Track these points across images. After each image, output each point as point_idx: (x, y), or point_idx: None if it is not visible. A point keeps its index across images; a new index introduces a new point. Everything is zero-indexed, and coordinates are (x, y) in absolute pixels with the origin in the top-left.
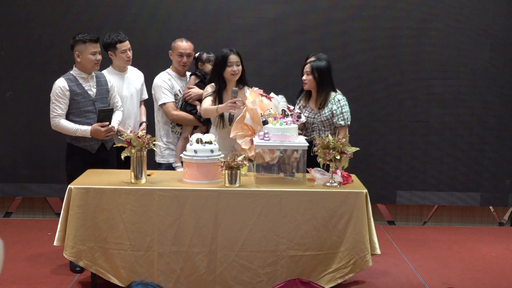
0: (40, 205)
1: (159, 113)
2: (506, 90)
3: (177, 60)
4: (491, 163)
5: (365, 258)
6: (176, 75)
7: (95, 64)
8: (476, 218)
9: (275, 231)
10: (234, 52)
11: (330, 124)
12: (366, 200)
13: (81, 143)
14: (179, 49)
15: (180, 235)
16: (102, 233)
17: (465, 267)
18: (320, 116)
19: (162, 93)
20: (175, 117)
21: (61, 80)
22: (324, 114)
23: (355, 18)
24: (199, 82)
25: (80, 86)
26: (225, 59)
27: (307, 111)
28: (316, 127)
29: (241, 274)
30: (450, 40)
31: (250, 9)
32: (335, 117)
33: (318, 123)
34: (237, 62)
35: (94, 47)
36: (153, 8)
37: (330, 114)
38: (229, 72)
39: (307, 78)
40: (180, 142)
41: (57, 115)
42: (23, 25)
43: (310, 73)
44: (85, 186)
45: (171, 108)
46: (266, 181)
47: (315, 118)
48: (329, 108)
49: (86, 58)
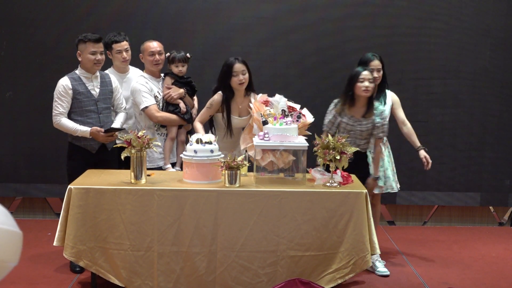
0: (40, 205)
1: (141, 118)
2: (506, 90)
3: (149, 60)
4: (491, 163)
5: (365, 258)
6: (151, 77)
7: (94, 64)
8: (476, 218)
9: (275, 231)
10: (240, 60)
11: (368, 134)
12: (366, 200)
13: (82, 142)
14: (149, 49)
15: (180, 235)
16: (102, 233)
17: (465, 267)
18: (361, 125)
19: (142, 97)
20: (160, 119)
21: (65, 78)
22: (365, 124)
23: (354, 17)
24: (175, 82)
25: (83, 86)
26: (230, 68)
27: (346, 118)
28: (353, 134)
29: (241, 274)
30: (450, 39)
31: (249, 9)
32: (376, 129)
33: (356, 132)
34: (243, 71)
35: (94, 47)
36: (151, 8)
37: (372, 125)
38: (236, 82)
39: (371, 86)
40: (167, 143)
41: (59, 113)
42: (23, 25)
43: (373, 81)
44: (85, 186)
45: (155, 111)
46: (266, 181)
47: (354, 125)
48: (372, 119)
49: (85, 57)
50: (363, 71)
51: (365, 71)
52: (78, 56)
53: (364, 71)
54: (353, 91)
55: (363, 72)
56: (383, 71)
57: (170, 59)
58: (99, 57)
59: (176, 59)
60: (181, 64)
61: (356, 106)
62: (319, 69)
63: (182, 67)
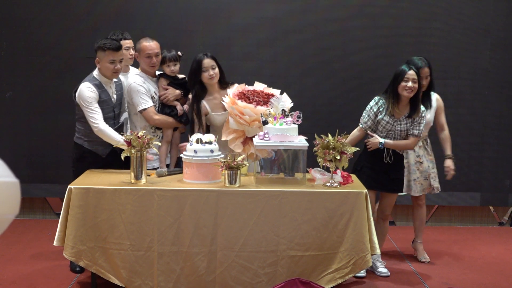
0: (40, 205)
1: (136, 118)
2: (506, 90)
3: (146, 62)
4: (491, 163)
5: (365, 258)
6: (148, 76)
7: (113, 73)
8: (476, 218)
9: (275, 231)
10: (208, 56)
11: (406, 135)
12: (366, 200)
13: (94, 146)
14: (146, 50)
15: (180, 235)
16: (102, 233)
17: (465, 267)
18: (400, 125)
19: (140, 98)
20: (157, 122)
21: (88, 84)
22: (405, 123)
23: (355, 18)
24: (170, 83)
25: (106, 93)
26: (199, 64)
27: (387, 116)
28: (391, 134)
29: (241, 274)
30: (450, 39)
31: (250, 9)
32: (413, 127)
33: (396, 131)
34: (212, 66)
35: (114, 56)
36: (152, 8)
37: (410, 124)
38: (206, 77)
39: (414, 86)
40: (163, 146)
41: (98, 119)
42: (23, 26)
43: (417, 81)
44: (85, 186)
45: (153, 113)
46: (266, 181)
47: (394, 125)
48: (411, 118)
49: (104, 66)
50: (409, 70)
51: (411, 71)
52: (96, 63)
53: (410, 71)
54: (396, 90)
55: (408, 71)
56: (431, 76)
57: (161, 60)
58: (118, 66)
59: (167, 58)
60: (173, 63)
61: (398, 105)
62: (320, 70)
63: (174, 66)
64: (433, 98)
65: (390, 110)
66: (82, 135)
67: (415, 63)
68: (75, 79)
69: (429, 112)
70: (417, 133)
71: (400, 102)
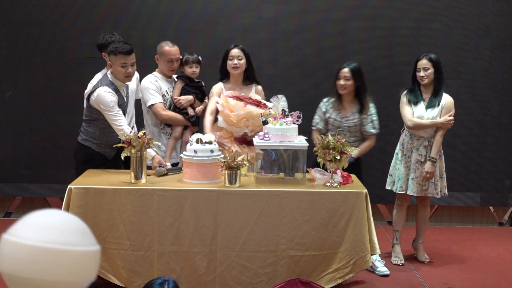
0: (40, 205)
1: (148, 116)
2: (505, 90)
3: (167, 66)
4: (491, 163)
5: (365, 258)
6: (163, 77)
7: (125, 77)
8: (476, 219)
9: (275, 231)
10: (238, 47)
11: (356, 131)
12: (366, 200)
13: (102, 149)
14: (168, 55)
15: (180, 235)
16: (102, 233)
17: (465, 267)
18: (348, 121)
19: (150, 95)
20: (165, 117)
21: (107, 89)
22: (353, 120)
23: (354, 18)
24: (185, 85)
25: (121, 97)
26: (226, 53)
27: (335, 114)
28: (341, 131)
29: (241, 274)
30: (449, 40)
31: (249, 9)
32: (366, 125)
33: (344, 128)
34: (238, 56)
35: (125, 59)
36: (152, 8)
37: (359, 120)
38: (230, 65)
39: (347, 84)
40: (170, 141)
41: (123, 124)
42: (23, 25)
43: (350, 77)
44: (85, 186)
45: (160, 109)
46: (266, 181)
47: (342, 122)
48: (360, 115)
49: (116, 69)
50: (343, 68)
51: (344, 69)
52: (108, 67)
53: (344, 69)
54: (336, 87)
55: (342, 70)
56: (438, 73)
57: (184, 61)
58: (129, 70)
59: (190, 60)
60: (195, 65)
61: (341, 102)
62: (320, 70)
63: (196, 68)
64: (443, 98)
65: (336, 107)
66: (91, 137)
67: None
68: (75, 79)
69: (433, 111)
70: (370, 131)
71: (341, 99)
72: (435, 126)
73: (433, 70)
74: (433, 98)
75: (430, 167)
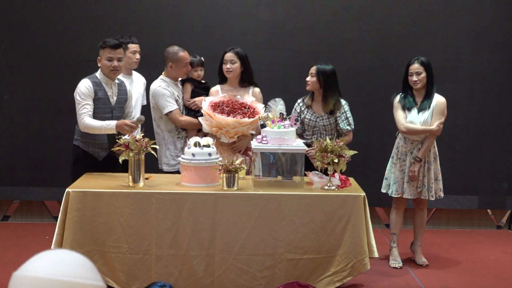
0: (38, 209)
1: (162, 122)
2: (503, 92)
3: (184, 70)
4: (489, 166)
5: (363, 262)
6: (171, 81)
7: (110, 70)
8: (474, 221)
9: (273, 234)
10: (233, 50)
11: (332, 129)
12: (364, 203)
13: (90, 148)
14: (185, 60)
15: (178, 239)
16: (100, 236)
17: (463, 270)
18: (323, 120)
19: (166, 101)
20: (183, 123)
21: (86, 80)
22: (327, 118)
23: (352, 21)
24: (195, 87)
25: (103, 91)
26: (222, 56)
27: (309, 114)
28: (317, 130)
29: (239, 277)
30: (447, 42)
31: (247, 12)
32: (341, 122)
33: (320, 127)
34: (231, 60)
35: (111, 53)
36: (150, 11)
37: (334, 119)
38: (224, 70)
39: (311, 80)
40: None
41: (85, 113)
42: (21, 28)
43: (314, 75)
44: (83, 190)
45: (178, 115)
46: (264, 184)
47: (317, 121)
48: (334, 114)
49: (102, 63)
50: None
51: (313, 67)
52: (98, 62)
53: (313, 67)
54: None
55: (312, 67)
56: (429, 75)
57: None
58: (115, 64)
59: (195, 63)
60: (200, 68)
61: (315, 101)
62: None
63: (201, 71)
64: (434, 100)
65: (307, 105)
66: (79, 135)
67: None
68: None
69: (424, 114)
70: (345, 128)
71: (314, 99)
72: (428, 132)
73: (425, 74)
74: (425, 101)
75: (413, 166)
